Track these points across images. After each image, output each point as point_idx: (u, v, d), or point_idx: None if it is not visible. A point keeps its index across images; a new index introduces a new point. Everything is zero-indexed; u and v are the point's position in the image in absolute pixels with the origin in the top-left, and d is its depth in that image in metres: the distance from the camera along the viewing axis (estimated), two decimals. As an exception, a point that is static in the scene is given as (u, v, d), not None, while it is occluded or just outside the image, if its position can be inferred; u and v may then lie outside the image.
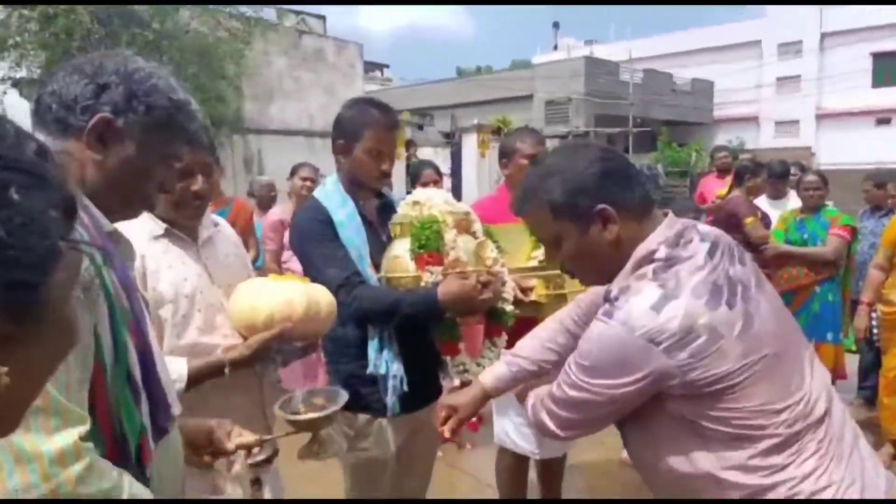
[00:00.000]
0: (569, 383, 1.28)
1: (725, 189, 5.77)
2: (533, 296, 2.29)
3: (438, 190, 2.35)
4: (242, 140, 12.59)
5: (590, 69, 23.22)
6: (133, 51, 1.19)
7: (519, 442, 2.66)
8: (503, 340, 2.16)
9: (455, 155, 13.63)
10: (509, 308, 2.12)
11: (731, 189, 5.00)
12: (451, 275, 1.90)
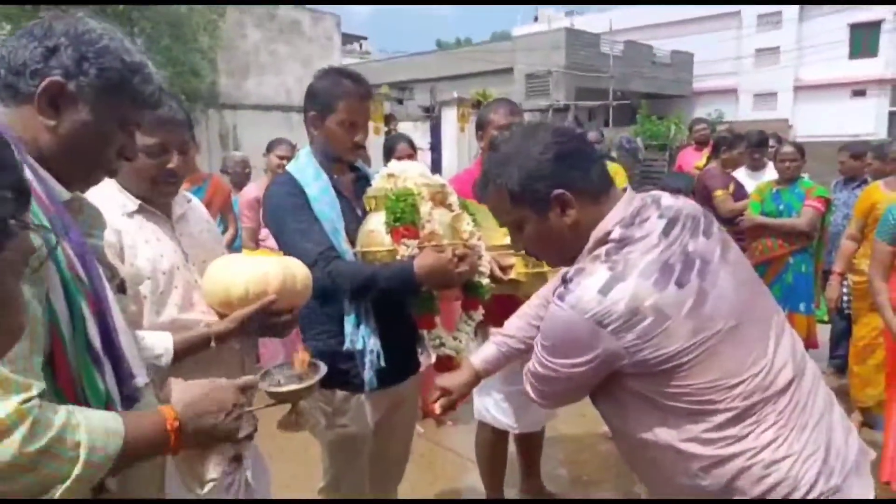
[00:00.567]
0: (537, 360, 1.33)
1: (703, 161, 5.80)
2: (512, 273, 2.29)
3: (414, 162, 2.32)
4: (218, 115, 12.36)
5: (570, 41, 23.07)
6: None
7: (498, 416, 2.68)
8: (479, 314, 2.16)
9: (435, 129, 13.52)
10: (486, 281, 2.12)
11: (709, 161, 5.02)
12: (427, 248, 1.89)
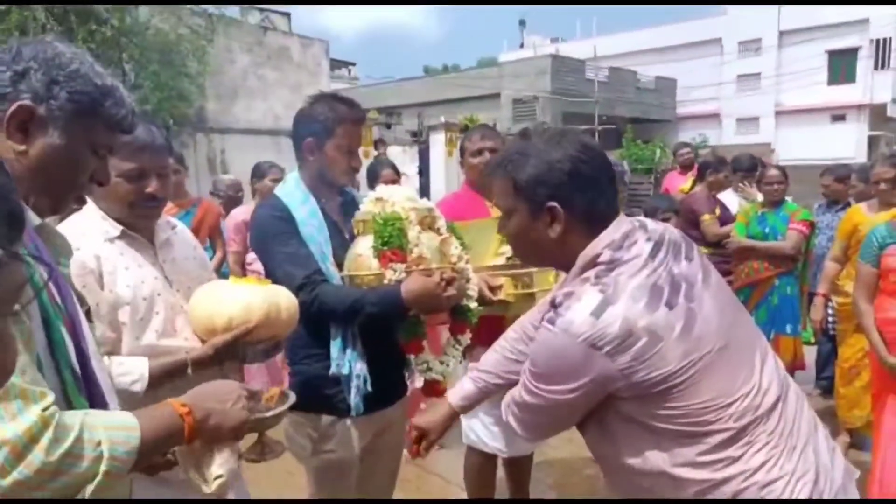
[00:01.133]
0: (525, 388, 1.30)
1: (688, 184, 5.87)
2: (501, 294, 2.29)
3: (402, 186, 2.33)
4: (206, 139, 12.38)
5: (556, 67, 23.40)
6: (91, 48, 1.14)
7: (486, 440, 2.66)
8: (467, 338, 2.15)
9: (423, 153, 13.60)
10: (474, 305, 2.12)
11: (695, 184, 5.08)
12: (415, 272, 1.88)
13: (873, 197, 3.86)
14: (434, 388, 2.08)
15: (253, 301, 1.57)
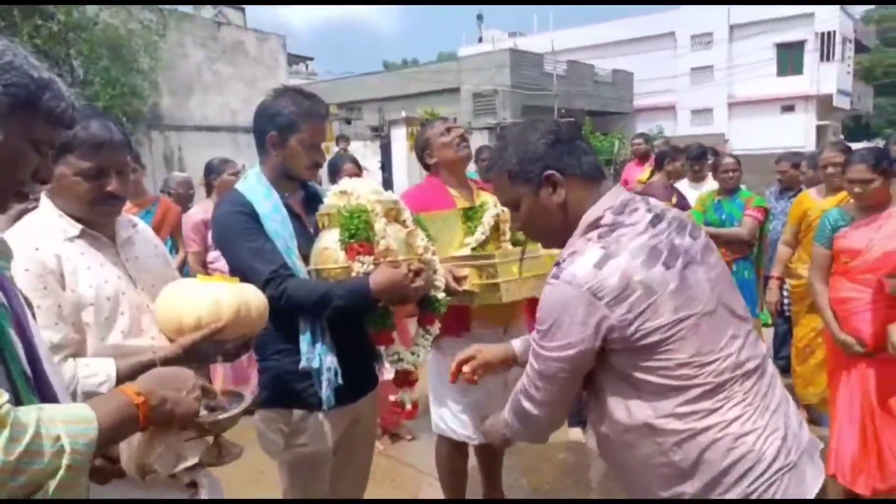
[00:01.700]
0: (534, 355, 1.40)
1: (646, 174, 5.99)
2: (466, 285, 2.30)
3: (366, 179, 2.32)
4: (161, 136, 12.08)
5: (515, 61, 23.52)
6: (36, 45, 1.10)
7: (456, 428, 2.68)
8: (436, 328, 2.16)
9: (385, 148, 13.56)
10: (441, 296, 2.13)
11: (653, 174, 5.19)
12: (383, 264, 1.88)
13: (822, 183, 4.01)
14: (405, 379, 2.09)
15: (222, 299, 1.55)
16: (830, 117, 28.19)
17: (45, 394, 1.04)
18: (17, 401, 0.95)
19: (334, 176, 4.07)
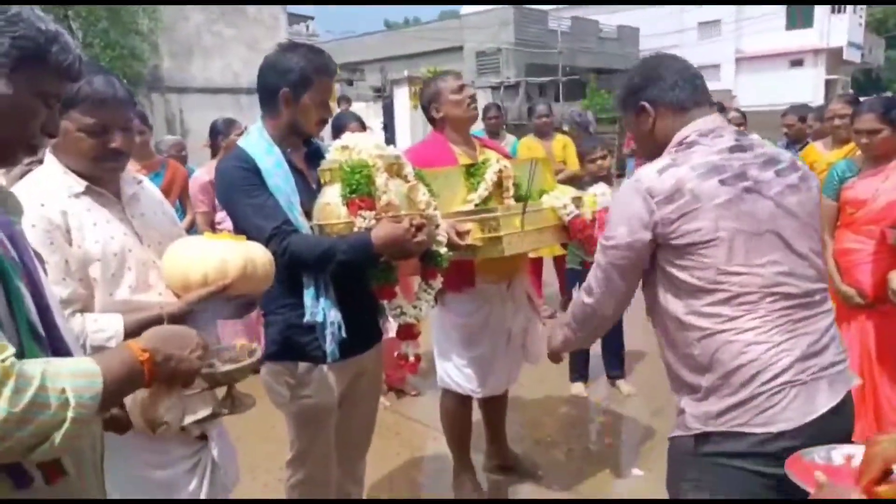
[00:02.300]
0: (601, 249, 1.61)
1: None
2: (469, 239, 2.31)
3: (368, 134, 2.31)
4: (162, 99, 11.99)
5: (518, 18, 23.06)
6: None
7: (460, 382, 2.72)
8: (439, 283, 2.18)
9: (387, 109, 13.41)
10: (443, 251, 2.14)
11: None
12: (384, 219, 1.89)
13: (828, 135, 3.96)
14: (409, 332, 2.12)
15: (229, 257, 1.56)
16: (840, 71, 27.66)
17: (58, 346, 1.06)
18: (22, 354, 0.97)
19: (338, 134, 4.05)
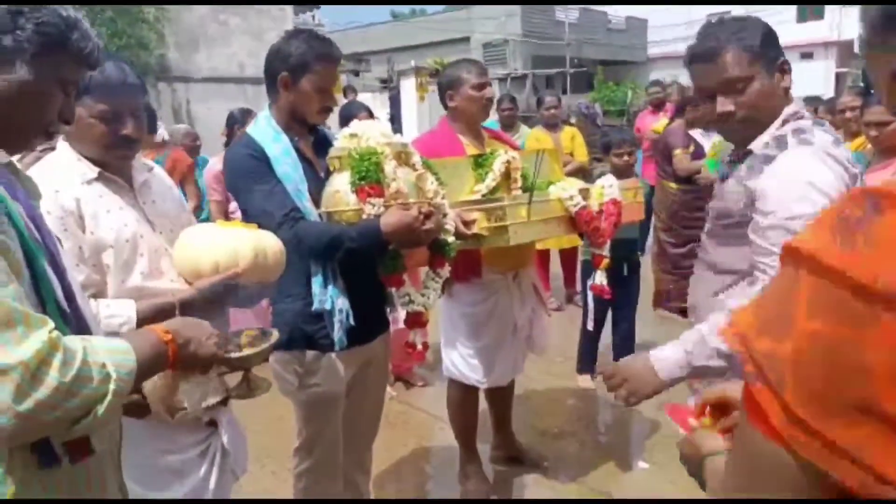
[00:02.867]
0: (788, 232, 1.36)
1: (661, 124, 5.89)
2: (475, 228, 2.31)
3: (376, 122, 2.31)
4: (169, 88, 11.98)
5: (525, 8, 22.93)
6: None
7: (466, 372, 2.72)
8: (446, 271, 2.18)
9: (394, 100, 13.39)
10: (451, 239, 2.14)
11: (671, 122, 5.11)
12: (393, 206, 1.89)
13: (839, 128, 3.93)
14: (417, 320, 2.12)
15: (240, 246, 1.57)
16: (851, 64, 27.37)
17: (83, 327, 1.08)
18: None
19: (347, 123, 4.04)
